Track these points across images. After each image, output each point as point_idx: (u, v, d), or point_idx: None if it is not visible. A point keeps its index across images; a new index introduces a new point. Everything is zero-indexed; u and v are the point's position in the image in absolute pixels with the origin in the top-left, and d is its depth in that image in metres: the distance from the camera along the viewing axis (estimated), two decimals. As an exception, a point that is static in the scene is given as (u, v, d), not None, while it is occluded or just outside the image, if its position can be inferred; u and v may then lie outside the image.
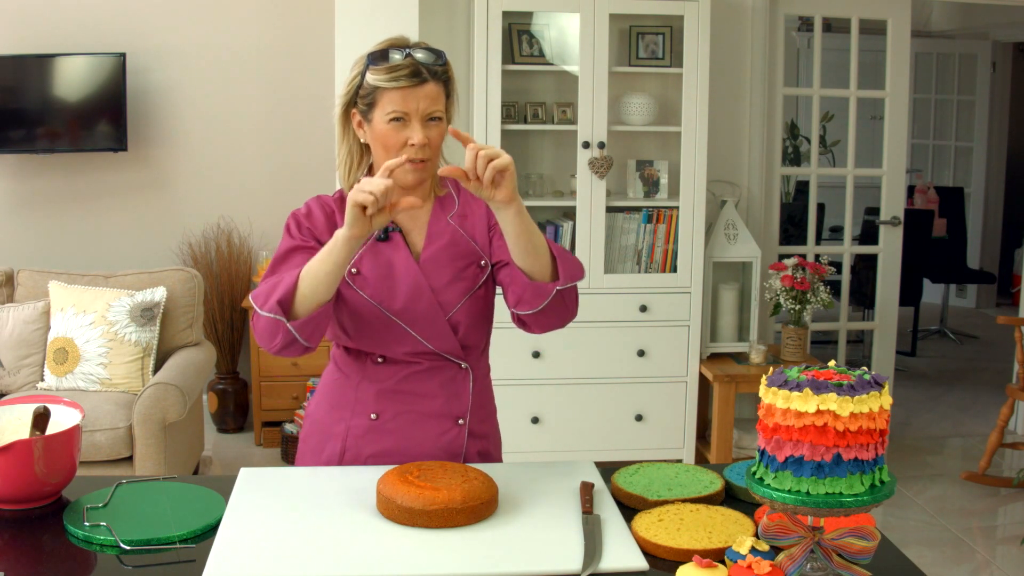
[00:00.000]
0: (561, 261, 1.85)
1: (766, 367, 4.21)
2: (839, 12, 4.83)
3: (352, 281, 1.91)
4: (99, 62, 4.66)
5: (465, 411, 1.98)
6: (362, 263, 1.92)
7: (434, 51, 1.87)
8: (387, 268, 1.92)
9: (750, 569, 1.43)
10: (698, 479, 1.85)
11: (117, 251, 4.95)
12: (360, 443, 1.96)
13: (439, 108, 1.86)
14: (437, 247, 1.94)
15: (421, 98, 1.83)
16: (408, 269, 1.91)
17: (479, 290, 1.96)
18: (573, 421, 4.28)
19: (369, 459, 1.96)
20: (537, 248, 1.83)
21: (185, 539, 1.60)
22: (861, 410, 1.36)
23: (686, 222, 4.25)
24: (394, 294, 1.90)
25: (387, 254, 1.92)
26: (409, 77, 1.82)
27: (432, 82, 1.84)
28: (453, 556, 1.54)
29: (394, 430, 1.95)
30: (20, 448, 1.68)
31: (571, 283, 1.85)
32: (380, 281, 1.91)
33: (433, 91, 1.84)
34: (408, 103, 1.83)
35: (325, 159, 4.74)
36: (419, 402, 1.95)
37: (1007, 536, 4.09)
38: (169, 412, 3.64)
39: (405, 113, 1.83)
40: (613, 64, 4.24)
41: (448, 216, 1.97)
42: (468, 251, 1.96)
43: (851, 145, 5.01)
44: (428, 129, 1.85)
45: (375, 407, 1.96)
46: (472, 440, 2.00)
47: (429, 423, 1.96)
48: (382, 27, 3.95)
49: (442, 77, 1.86)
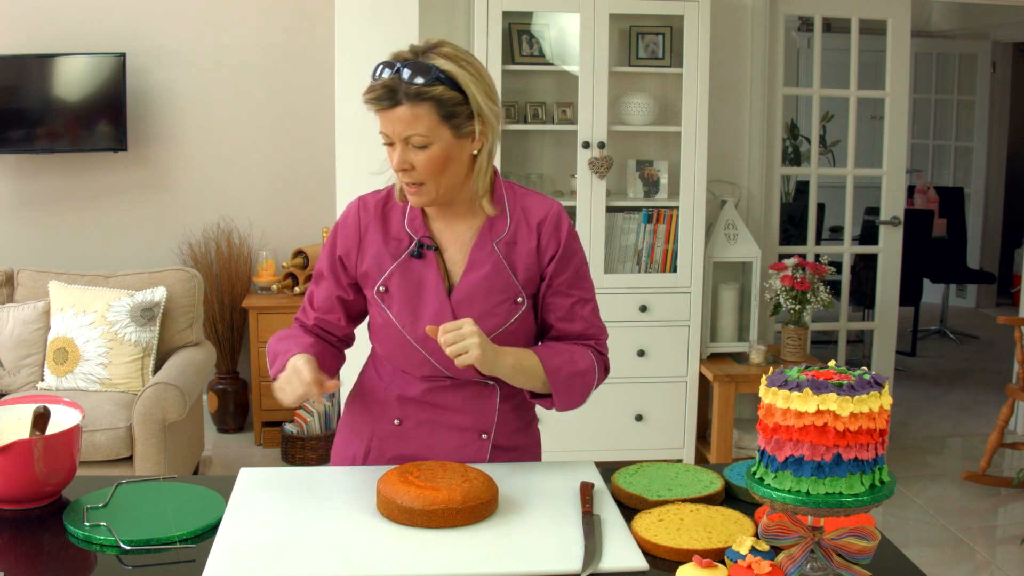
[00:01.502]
0: (559, 398, 1.88)
1: (766, 367, 4.21)
2: (839, 12, 4.83)
3: (380, 299, 1.88)
4: (99, 62, 4.66)
5: (490, 426, 1.94)
6: (391, 280, 1.87)
7: (420, 68, 1.71)
8: (416, 288, 1.86)
9: (750, 569, 1.43)
10: (698, 479, 1.85)
11: (117, 251, 4.95)
12: (384, 445, 1.96)
13: (417, 132, 1.72)
14: (475, 277, 1.85)
15: (395, 121, 1.72)
16: (436, 296, 1.85)
17: (511, 326, 1.87)
18: (573, 421, 4.25)
19: (391, 462, 1.95)
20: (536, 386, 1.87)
21: (185, 539, 1.60)
22: (861, 410, 1.36)
23: (686, 222, 4.25)
24: (417, 319, 1.85)
25: (418, 272, 1.86)
26: (378, 101, 1.72)
27: (407, 104, 1.70)
28: (453, 556, 1.54)
29: (416, 437, 1.94)
30: (20, 448, 1.68)
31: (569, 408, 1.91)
32: (406, 301, 1.86)
33: (406, 114, 1.71)
34: (386, 125, 1.75)
35: (325, 159, 4.74)
36: (443, 414, 1.93)
37: (1007, 536, 4.09)
38: (169, 412, 3.64)
39: (388, 136, 1.76)
40: (613, 64, 4.24)
41: (495, 241, 1.86)
42: (506, 285, 1.86)
43: (851, 145, 5.01)
44: (409, 153, 1.75)
45: (399, 413, 1.94)
46: (498, 452, 1.96)
47: (451, 434, 1.93)
48: (382, 27, 3.97)
49: (423, 98, 1.70)
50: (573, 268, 1.90)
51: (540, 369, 1.85)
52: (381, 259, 1.87)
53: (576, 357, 1.89)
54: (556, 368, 1.86)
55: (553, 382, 1.86)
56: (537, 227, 1.87)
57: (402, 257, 1.86)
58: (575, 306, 1.91)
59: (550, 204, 1.90)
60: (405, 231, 1.88)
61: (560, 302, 1.90)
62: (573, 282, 1.90)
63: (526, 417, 2.01)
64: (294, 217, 5.04)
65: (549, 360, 1.86)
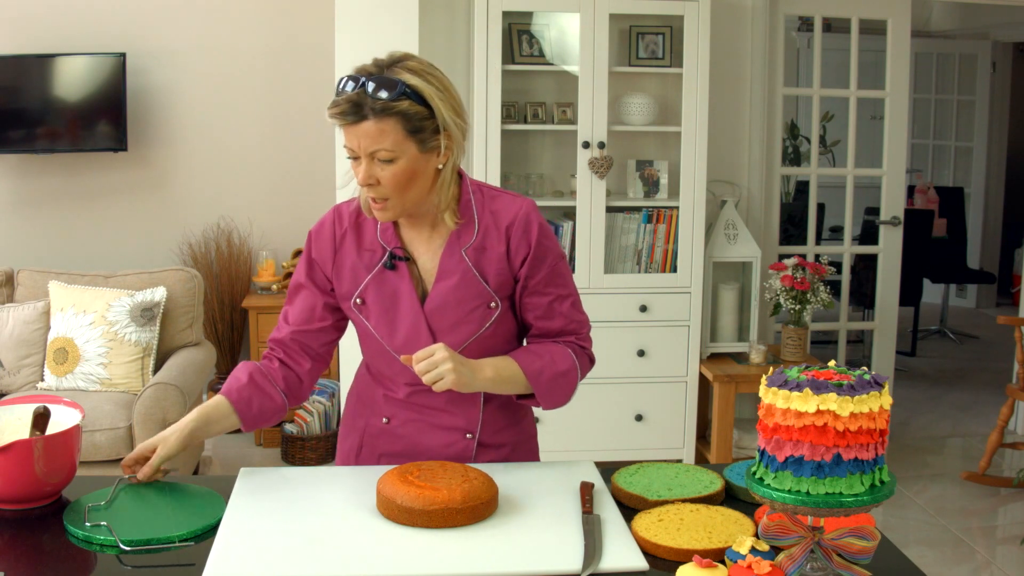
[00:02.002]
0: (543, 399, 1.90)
1: (766, 367, 4.21)
2: (839, 12, 4.83)
3: (358, 310, 1.90)
4: (99, 62, 4.66)
5: (474, 426, 1.95)
6: (367, 292, 1.88)
7: (386, 82, 1.69)
8: (391, 300, 1.87)
9: (750, 569, 1.43)
10: (698, 479, 1.85)
11: (117, 251, 4.95)
12: (375, 442, 1.99)
13: (383, 147, 1.71)
14: (445, 287, 1.85)
15: (360, 136, 1.71)
16: (410, 307, 1.86)
17: (486, 331, 1.89)
18: (573, 421, 4.28)
19: (381, 458, 1.98)
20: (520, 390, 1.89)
21: (185, 539, 1.60)
22: (861, 410, 1.36)
23: (686, 222, 4.25)
24: (394, 329, 1.87)
25: (392, 284, 1.87)
26: (342, 116, 1.71)
27: (372, 119, 1.69)
28: (453, 556, 1.54)
29: (404, 436, 1.96)
30: (20, 448, 1.68)
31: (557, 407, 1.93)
32: (383, 313, 1.88)
33: (372, 129, 1.69)
34: (351, 140, 1.73)
35: (325, 159, 4.74)
36: (428, 414, 1.95)
37: (1007, 536, 4.09)
38: (169, 412, 3.64)
39: (352, 150, 1.74)
40: (613, 64, 4.24)
41: (463, 249, 1.86)
42: (478, 292, 1.86)
43: (851, 145, 5.01)
44: (375, 168, 1.74)
45: (386, 412, 1.97)
46: (485, 450, 1.97)
47: (437, 433, 1.95)
48: (382, 27, 3.96)
49: (389, 112, 1.69)
50: (547, 267, 1.89)
51: (521, 375, 1.86)
52: (356, 271, 1.89)
53: (556, 358, 1.90)
54: (537, 372, 1.87)
55: (535, 386, 1.88)
56: (506, 231, 1.86)
57: (376, 269, 1.88)
58: (553, 304, 1.91)
59: (520, 205, 1.88)
60: (378, 242, 1.88)
61: (537, 301, 1.91)
62: (549, 280, 1.90)
63: (515, 415, 2.01)
64: (294, 217, 5.04)
65: (529, 365, 1.87)
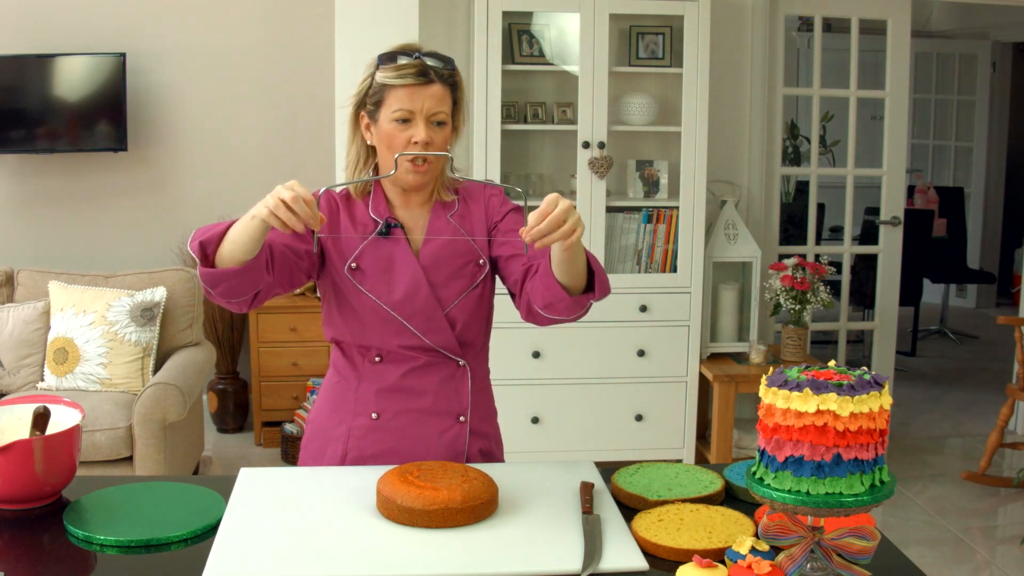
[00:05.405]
0: (599, 281, 1.85)
1: (766, 367, 4.21)
2: (839, 12, 4.83)
3: (352, 276, 1.94)
4: (99, 62, 4.66)
5: (465, 408, 2.00)
6: (362, 258, 1.95)
7: (443, 58, 1.92)
8: (387, 262, 1.95)
9: (750, 569, 1.43)
10: (698, 479, 1.85)
11: (117, 251, 4.94)
12: (362, 444, 1.97)
13: (444, 110, 1.90)
14: (436, 244, 1.98)
15: (427, 97, 1.87)
16: (408, 263, 1.95)
17: (476, 288, 1.99)
18: (573, 421, 4.28)
19: (371, 459, 1.96)
20: (580, 270, 1.82)
21: (185, 539, 1.60)
22: (861, 410, 1.36)
23: (686, 222, 4.25)
24: (393, 287, 1.94)
25: (388, 249, 1.96)
26: (415, 76, 1.87)
27: (439, 84, 1.89)
28: (453, 556, 1.54)
29: (395, 429, 1.97)
30: (20, 448, 1.68)
31: (603, 297, 1.88)
32: (380, 275, 1.95)
33: (439, 92, 1.89)
34: (414, 101, 1.87)
35: (325, 159, 4.74)
36: (419, 399, 1.97)
37: (1007, 536, 4.09)
38: (169, 412, 3.64)
39: (410, 112, 1.87)
40: (613, 64, 4.24)
41: (448, 215, 2.00)
42: (467, 249, 1.99)
43: (851, 145, 5.01)
44: (432, 131, 1.89)
45: (375, 407, 1.97)
46: (474, 438, 2.02)
47: (430, 421, 1.97)
48: (382, 27, 3.97)
49: (449, 81, 1.91)
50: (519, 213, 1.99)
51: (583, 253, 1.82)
52: (349, 241, 1.96)
53: None
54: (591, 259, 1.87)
55: (594, 263, 1.85)
56: (485, 199, 2.04)
57: (371, 237, 1.95)
58: None
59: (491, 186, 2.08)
60: (370, 217, 1.97)
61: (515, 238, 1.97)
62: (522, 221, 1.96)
63: (490, 407, 2.10)
64: (294, 217, 5.03)
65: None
